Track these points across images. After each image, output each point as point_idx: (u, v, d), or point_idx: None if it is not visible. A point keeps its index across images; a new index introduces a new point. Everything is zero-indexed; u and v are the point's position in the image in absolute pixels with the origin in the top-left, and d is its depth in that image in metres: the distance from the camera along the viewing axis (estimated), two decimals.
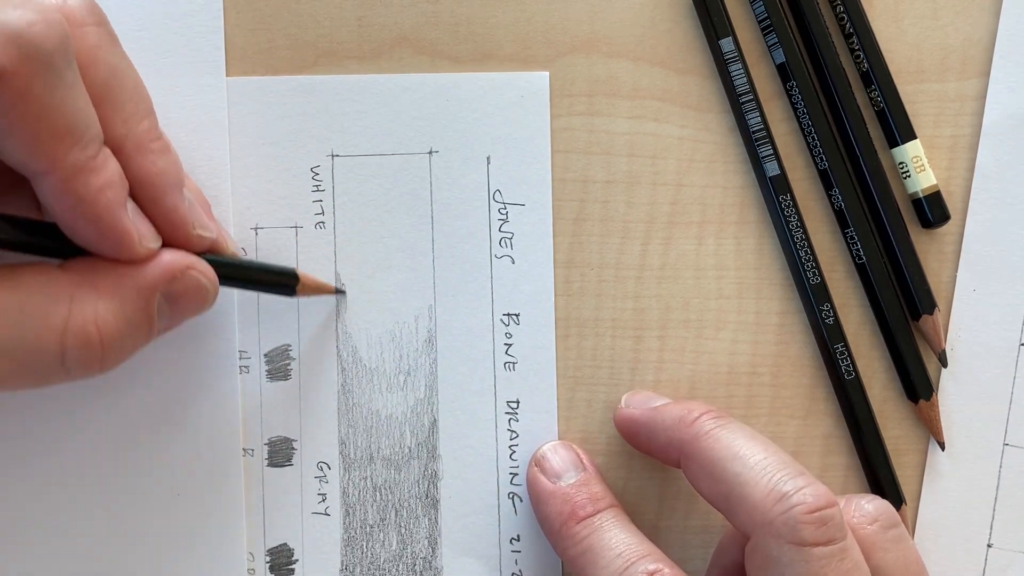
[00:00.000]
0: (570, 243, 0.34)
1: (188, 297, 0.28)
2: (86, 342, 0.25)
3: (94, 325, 0.25)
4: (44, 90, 0.23)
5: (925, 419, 0.34)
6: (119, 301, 0.26)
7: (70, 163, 0.24)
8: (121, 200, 0.26)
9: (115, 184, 0.25)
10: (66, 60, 0.24)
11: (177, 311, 0.28)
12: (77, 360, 0.25)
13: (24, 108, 0.23)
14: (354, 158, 0.33)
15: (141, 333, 0.27)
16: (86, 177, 0.25)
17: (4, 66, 0.22)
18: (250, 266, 0.31)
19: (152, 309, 0.27)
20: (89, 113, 0.25)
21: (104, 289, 0.26)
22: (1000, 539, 0.34)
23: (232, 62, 0.33)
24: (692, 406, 0.30)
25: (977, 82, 0.34)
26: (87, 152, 0.25)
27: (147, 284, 0.27)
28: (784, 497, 0.27)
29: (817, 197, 0.34)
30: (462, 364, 0.34)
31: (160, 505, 0.33)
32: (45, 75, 0.23)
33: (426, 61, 0.33)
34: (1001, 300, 0.34)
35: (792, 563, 0.26)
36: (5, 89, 0.23)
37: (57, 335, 0.25)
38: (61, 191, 0.24)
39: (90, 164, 0.25)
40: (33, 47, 0.23)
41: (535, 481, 0.32)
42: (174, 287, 0.27)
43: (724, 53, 0.33)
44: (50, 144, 0.24)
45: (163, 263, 0.27)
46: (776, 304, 0.34)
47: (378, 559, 0.34)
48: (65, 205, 0.25)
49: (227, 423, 0.33)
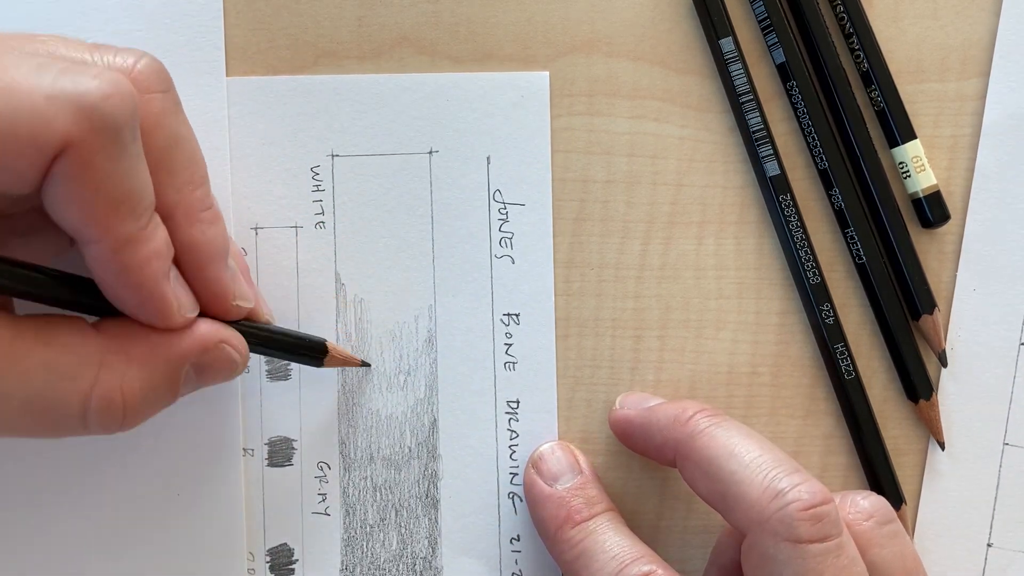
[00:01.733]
0: (570, 243, 0.34)
1: (216, 369, 0.28)
2: (109, 406, 0.25)
3: (119, 392, 0.25)
4: (107, 162, 0.23)
5: (925, 419, 0.34)
6: (148, 370, 0.26)
7: (121, 233, 0.24)
8: (165, 270, 0.26)
9: (161, 254, 0.25)
10: (133, 134, 0.24)
11: (204, 380, 0.28)
12: (98, 422, 0.25)
13: (85, 178, 0.23)
14: (354, 158, 0.33)
15: (164, 399, 0.27)
16: (134, 248, 0.25)
17: (73, 137, 0.22)
18: (282, 337, 0.31)
19: (179, 378, 0.27)
20: (146, 183, 0.25)
21: (134, 357, 0.26)
22: (1000, 539, 0.34)
23: (232, 62, 0.33)
24: (687, 405, 0.30)
25: (977, 82, 0.34)
26: (139, 223, 0.25)
27: (178, 355, 0.27)
28: (780, 494, 0.27)
29: (817, 197, 0.34)
30: (462, 364, 0.34)
31: (160, 505, 0.33)
32: (111, 147, 0.23)
33: (426, 61, 0.33)
34: (1001, 300, 0.34)
35: (788, 560, 0.26)
36: (70, 159, 0.23)
37: (82, 397, 0.25)
38: (107, 260, 0.24)
39: (140, 235, 0.25)
40: (104, 121, 0.23)
41: (532, 484, 0.32)
42: (204, 359, 0.27)
43: (724, 53, 0.33)
44: (104, 214, 0.24)
45: (196, 335, 0.27)
46: (776, 304, 0.34)
47: (378, 559, 0.34)
48: (109, 273, 0.25)
49: (227, 423, 0.33)
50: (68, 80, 0.23)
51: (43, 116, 0.22)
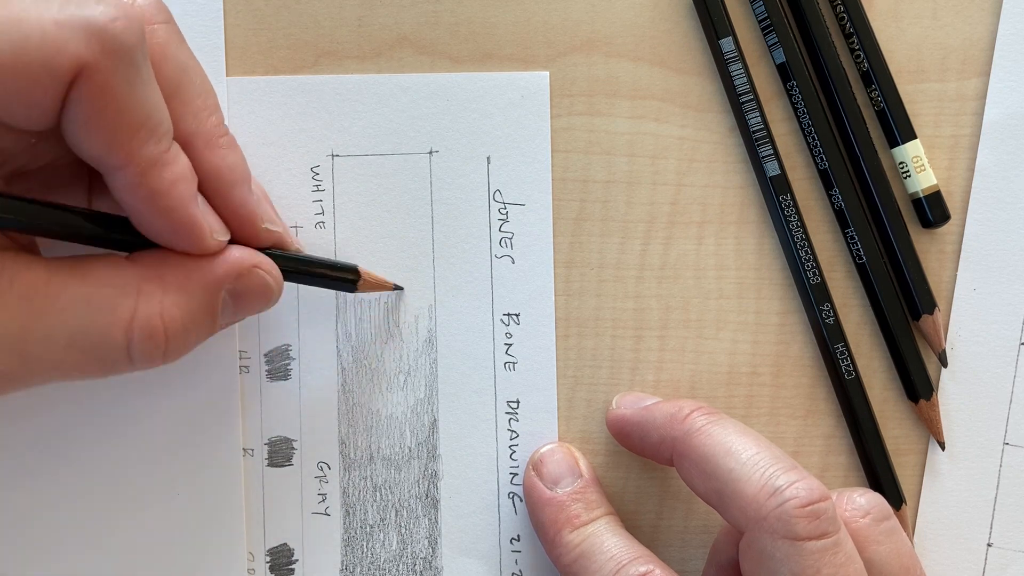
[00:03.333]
0: (570, 243, 0.34)
1: (253, 295, 0.28)
2: (151, 334, 0.26)
3: (159, 318, 0.26)
4: (123, 84, 0.23)
5: (925, 419, 0.34)
6: (185, 296, 0.26)
7: (145, 157, 0.24)
8: (192, 193, 0.26)
9: (187, 177, 0.26)
10: (144, 55, 0.24)
11: (241, 307, 0.28)
12: (142, 352, 0.26)
13: (104, 102, 0.23)
14: (354, 158, 0.33)
15: (204, 327, 0.27)
16: (159, 171, 0.25)
17: (87, 60, 0.23)
18: (314, 262, 0.31)
19: (217, 304, 0.27)
20: (162, 108, 0.25)
21: (171, 283, 0.26)
22: (1000, 539, 0.34)
23: (232, 62, 0.33)
24: (683, 403, 0.30)
25: (977, 82, 0.34)
26: (160, 146, 0.25)
27: (214, 280, 0.27)
28: (777, 492, 0.27)
29: (817, 197, 0.34)
30: (462, 364, 0.34)
31: (161, 505, 0.33)
32: (125, 70, 0.23)
33: (426, 61, 0.33)
34: (1001, 300, 0.34)
35: (786, 558, 0.26)
36: (87, 83, 0.23)
37: (124, 327, 0.25)
38: (135, 184, 0.25)
39: (163, 158, 0.25)
40: (115, 42, 0.23)
41: (532, 487, 0.32)
42: (240, 284, 0.28)
43: (724, 53, 0.33)
44: (126, 138, 0.24)
45: (230, 260, 0.27)
46: (776, 304, 0.34)
47: (378, 559, 0.34)
48: (139, 198, 0.25)
49: (228, 423, 0.33)
50: (74, 6, 0.23)
51: (54, 42, 0.22)
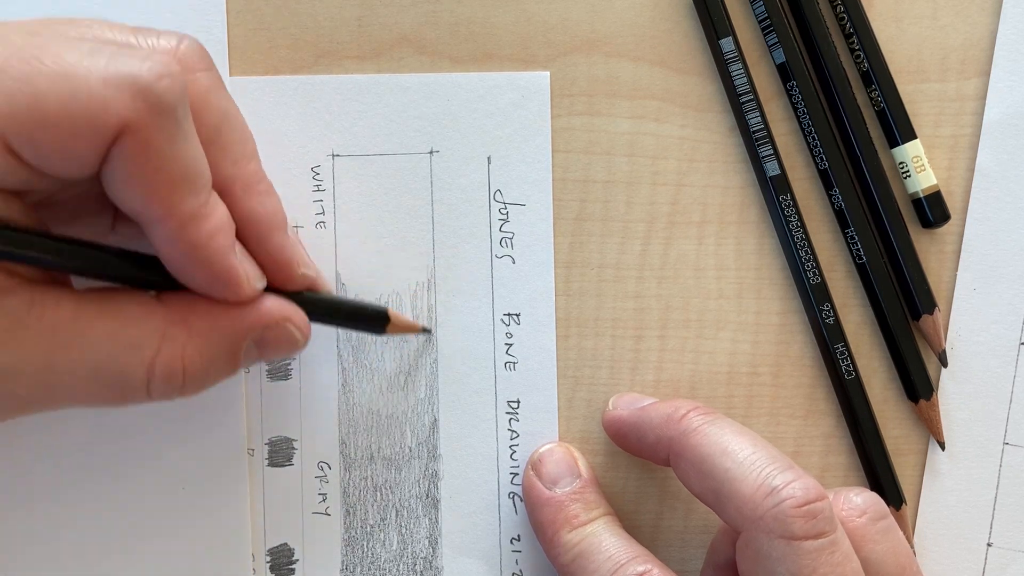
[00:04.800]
0: (570, 243, 0.34)
1: (278, 345, 0.28)
2: (170, 376, 0.26)
3: (180, 362, 0.26)
4: (165, 141, 0.24)
5: (925, 419, 0.34)
6: (209, 342, 0.26)
7: (184, 211, 0.25)
8: (230, 243, 0.26)
9: (225, 228, 0.26)
10: (186, 111, 0.24)
11: (265, 355, 0.28)
12: (160, 390, 0.26)
13: (146, 159, 0.23)
14: (355, 158, 0.33)
15: (225, 371, 0.27)
16: (198, 224, 0.25)
17: (131, 119, 0.23)
18: (345, 306, 0.31)
19: (240, 352, 0.27)
20: (202, 160, 0.25)
21: (196, 329, 0.26)
22: (1000, 538, 0.34)
23: (232, 62, 0.33)
24: (679, 404, 0.30)
25: (977, 82, 0.34)
26: (199, 199, 0.25)
27: (240, 329, 0.27)
28: (774, 491, 0.27)
29: (817, 197, 0.34)
30: (462, 364, 0.34)
31: (165, 503, 0.33)
32: (167, 127, 0.24)
33: (426, 61, 0.34)
34: (1001, 300, 0.34)
35: (783, 557, 0.26)
36: (130, 140, 0.23)
37: (145, 367, 0.25)
38: (174, 238, 0.25)
39: (202, 211, 0.25)
40: (159, 101, 0.23)
41: (531, 487, 0.32)
42: (267, 335, 0.28)
43: (724, 53, 0.33)
44: (166, 193, 0.24)
45: (260, 312, 0.27)
46: (776, 304, 0.34)
47: (378, 559, 0.34)
48: (177, 251, 0.25)
49: (231, 422, 0.33)
50: (122, 63, 0.23)
51: (101, 99, 0.23)
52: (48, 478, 0.32)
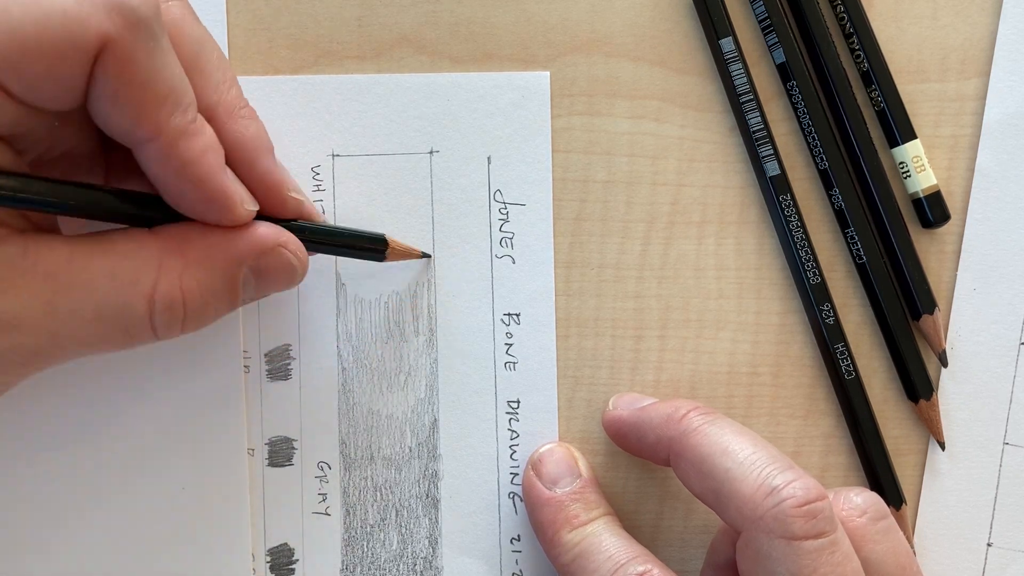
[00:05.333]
0: (570, 243, 0.34)
1: (276, 273, 0.28)
2: (170, 306, 0.26)
3: (179, 291, 0.26)
4: (146, 56, 0.24)
5: (925, 419, 0.34)
6: (205, 270, 0.26)
7: (173, 127, 0.25)
8: (221, 163, 0.26)
9: (215, 147, 0.26)
10: (162, 29, 0.24)
11: (263, 285, 0.28)
12: (162, 322, 0.26)
13: (129, 75, 0.24)
14: (354, 158, 0.33)
15: (224, 302, 0.27)
16: (188, 141, 0.25)
17: (110, 34, 0.23)
18: (341, 232, 0.31)
19: (237, 280, 0.27)
20: (185, 79, 0.25)
21: (191, 257, 0.26)
22: (1000, 538, 0.34)
23: (232, 62, 0.33)
24: (679, 404, 0.30)
25: (977, 82, 0.34)
26: (187, 116, 0.25)
27: (235, 256, 0.27)
28: (774, 491, 0.27)
29: (817, 197, 0.34)
30: (462, 364, 0.34)
31: (165, 503, 0.33)
32: (147, 42, 0.24)
33: (426, 61, 0.33)
34: (1001, 300, 0.34)
35: (783, 557, 0.26)
36: (112, 56, 0.23)
37: (146, 299, 0.26)
38: (166, 155, 0.25)
39: (191, 128, 0.25)
40: (135, 15, 0.23)
41: (531, 487, 0.32)
42: (263, 262, 0.28)
43: (724, 53, 0.33)
44: (154, 109, 0.24)
45: (254, 237, 0.27)
46: (776, 304, 0.34)
47: (378, 559, 0.34)
48: (169, 170, 0.25)
49: (231, 422, 0.33)
50: None
51: (76, 17, 0.23)
52: (48, 478, 0.32)
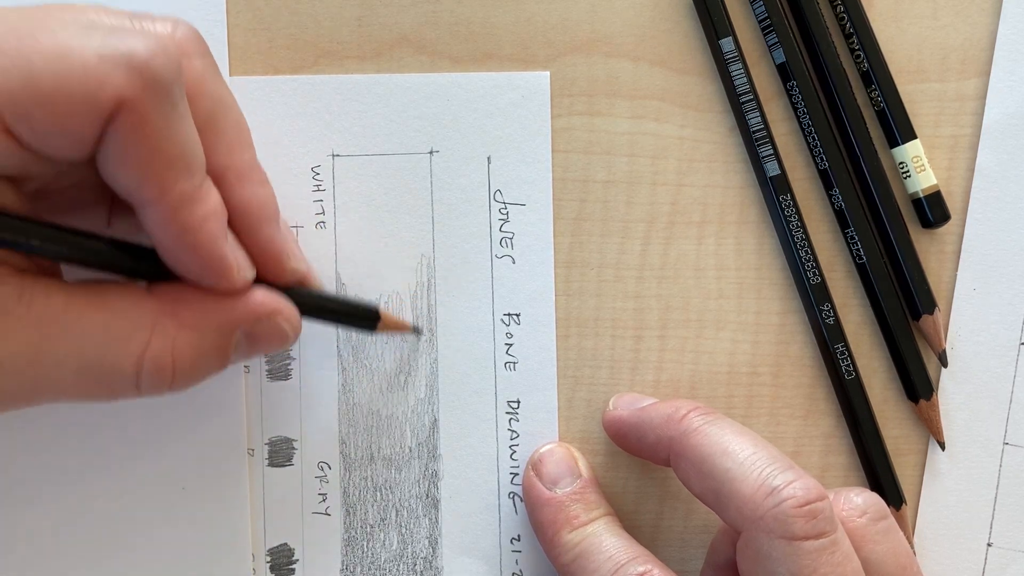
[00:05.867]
0: (570, 243, 0.34)
1: (269, 339, 0.28)
2: (159, 369, 0.26)
3: (170, 355, 0.26)
4: (160, 120, 0.24)
5: (925, 419, 0.34)
6: (199, 334, 0.26)
7: (178, 193, 0.24)
8: (222, 230, 0.26)
9: (218, 214, 0.26)
10: (181, 91, 0.24)
11: (255, 349, 0.28)
12: (149, 384, 0.26)
13: (141, 137, 0.23)
14: (355, 158, 0.33)
15: (215, 365, 0.27)
16: (191, 207, 0.25)
17: (127, 96, 0.23)
18: (335, 303, 0.31)
19: (230, 345, 0.27)
20: (197, 143, 0.25)
21: (186, 321, 0.26)
22: (1000, 538, 0.34)
23: (232, 62, 0.33)
24: (680, 404, 0.30)
25: (977, 82, 0.34)
26: (194, 182, 0.25)
27: (230, 321, 0.27)
28: (774, 491, 0.27)
29: (817, 197, 0.34)
30: (462, 364, 0.34)
31: (165, 503, 0.33)
32: (163, 105, 0.24)
33: (426, 61, 0.33)
34: (1001, 300, 0.34)
35: (783, 557, 0.26)
36: (126, 117, 0.23)
37: (135, 360, 0.25)
38: (167, 220, 0.25)
39: (196, 194, 0.25)
40: (155, 78, 0.23)
41: (531, 487, 0.32)
42: (257, 328, 0.27)
43: (724, 53, 0.33)
44: (161, 173, 0.24)
45: (250, 304, 0.27)
46: (776, 304, 0.34)
47: (378, 559, 0.34)
48: (169, 234, 0.25)
49: (231, 422, 0.33)
50: (117, 40, 0.23)
51: (96, 75, 0.22)
52: (48, 478, 0.32)
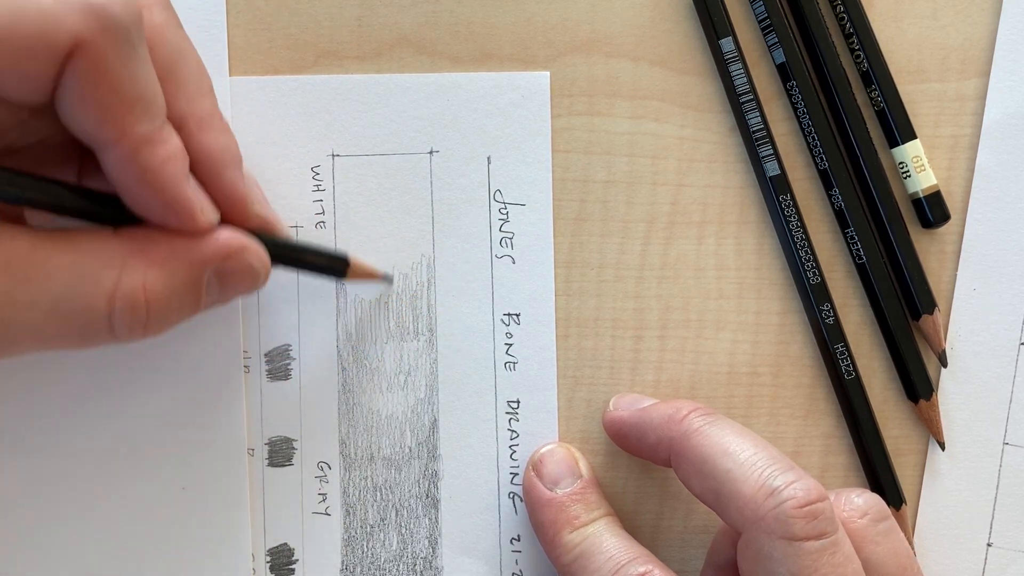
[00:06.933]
0: (570, 243, 0.34)
1: (239, 277, 0.28)
2: (133, 306, 0.26)
3: (142, 291, 0.26)
4: (118, 61, 0.24)
5: (925, 419, 0.34)
6: (169, 272, 0.26)
7: (138, 134, 0.25)
8: (184, 172, 0.26)
9: (179, 156, 0.26)
10: (139, 34, 0.24)
11: (226, 289, 0.28)
12: (123, 323, 0.26)
13: (98, 78, 0.23)
14: (354, 158, 0.33)
15: (188, 305, 0.27)
16: (152, 148, 0.25)
17: (83, 36, 0.23)
18: (303, 248, 0.31)
19: (201, 284, 0.27)
20: (156, 87, 0.25)
21: (155, 259, 0.26)
22: (1000, 538, 0.34)
23: (232, 62, 0.33)
24: (680, 404, 0.30)
25: (977, 82, 0.34)
26: (154, 124, 0.25)
27: (199, 259, 0.27)
28: (775, 492, 0.27)
29: (817, 197, 0.34)
30: (462, 364, 0.34)
31: (165, 503, 0.33)
32: (120, 47, 0.24)
33: (426, 61, 0.33)
34: (1001, 300, 0.34)
35: (784, 558, 0.26)
36: (82, 58, 0.23)
37: (106, 297, 0.25)
38: (128, 161, 0.25)
39: (156, 136, 0.25)
40: (112, 20, 0.23)
41: (531, 487, 0.32)
42: (226, 266, 0.28)
43: (724, 53, 0.33)
44: (120, 114, 0.24)
45: (217, 241, 0.27)
46: (776, 304, 0.34)
47: (378, 559, 0.34)
48: (131, 175, 0.25)
49: (231, 422, 0.33)
50: None
51: (52, 16, 0.23)
52: (48, 478, 0.32)
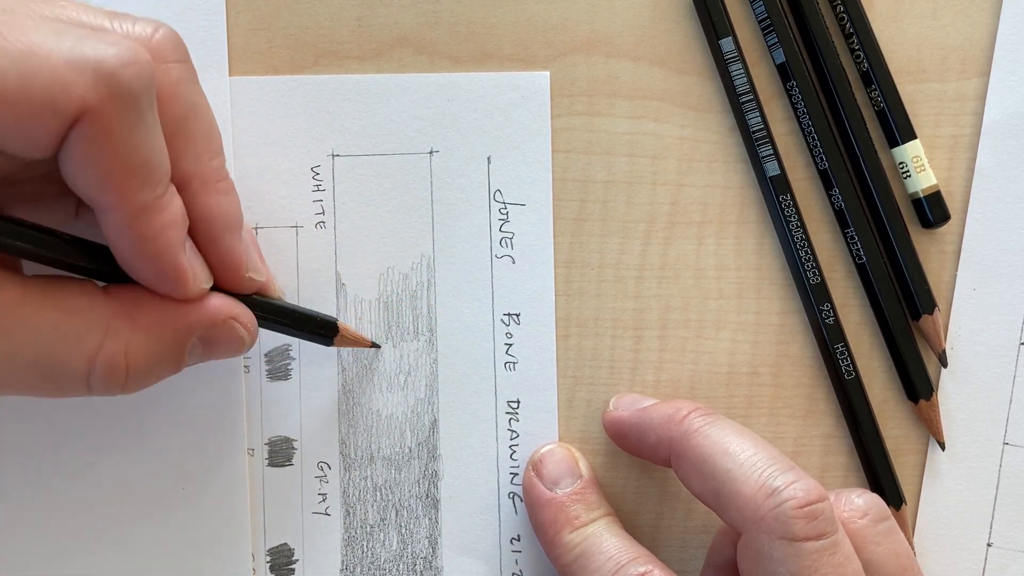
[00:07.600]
0: (570, 243, 0.34)
1: (224, 344, 0.28)
2: (112, 370, 0.25)
3: (123, 356, 0.26)
4: (124, 129, 0.23)
5: (925, 419, 0.34)
6: (153, 338, 0.26)
7: (137, 202, 0.24)
8: (181, 239, 0.26)
9: (177, 223, 0.26)
10: (150, 100, 0.24)
11: (210, 354, 0.28)
12: (100, 384, 0.26)
13: (102, 145, 0.23)
14: (354, 158, 0.33)
15: (168, 368, 0.27)
16: (150, 217, 0.25)
17: (91, 103, 0.23)
18: (292, 313, 0.31)
19: (184, 349, 0.27)
20: (162, 153, 0.25)
21: (141, 324, 0.26)
22: (1000, 539, 0.34)
23: (232, 62, 0.33)
24: (680, 404, 0.30)
25: (977, 82, 0.34)
26: (155, 192, 0.25)
27: (185, 326, 0.27)
28: (775, 492, 0.27)
29: (817, 197, 0.34)
30: (462, 364, 0.34)
31: (165, 502, 0.33)
32: (128, 114, 0.23)
33: (426, 61, 0.34)
34: (1001, 300, 0.34)
35: (784, 558, 0.26)
36: (88, 124, 0.23)
37: (87, 359, 0.25)
38: (124, 227, 0.25)
39: (156, 204, 0.25)
40: (123, 88, 0.23)
41: (531, 487, 0.32)
42: (212, 333, 0.27)
43: (724, 53, 0.33)
44: (121, 181, 0.24)
45: (206, 309, 0.27)
46: (776, 304, 0.34)
47: (378, 559, 0.34)
48: (126, 241, 0.25)
49: (231, 422, 0.33)
50: (87, 46, 0.23)
51: (62, 81, 0.22)
52: (48, 478, 0.32)
